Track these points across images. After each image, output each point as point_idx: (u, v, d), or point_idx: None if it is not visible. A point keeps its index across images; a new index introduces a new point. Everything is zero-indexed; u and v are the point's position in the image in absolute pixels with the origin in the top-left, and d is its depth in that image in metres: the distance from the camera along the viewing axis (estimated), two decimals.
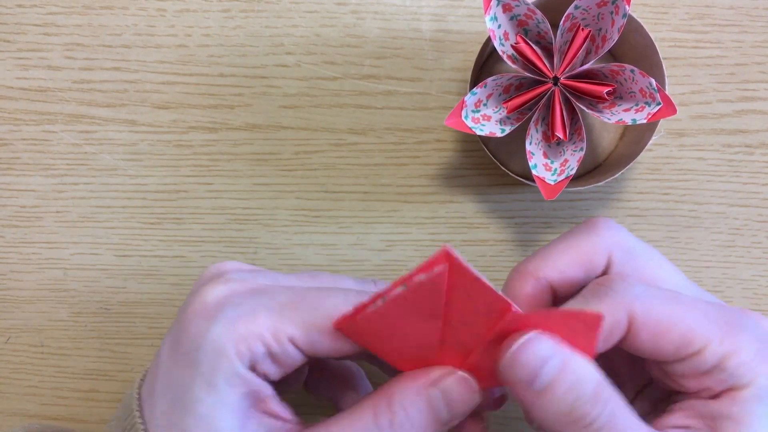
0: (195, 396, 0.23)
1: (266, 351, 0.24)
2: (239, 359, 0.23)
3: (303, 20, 0.38)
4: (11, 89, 0.38)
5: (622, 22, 0.29)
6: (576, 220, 0.38)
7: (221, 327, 0.23)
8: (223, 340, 0.23)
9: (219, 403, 0.23)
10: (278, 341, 0.24)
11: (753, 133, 0.37)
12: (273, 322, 0.23)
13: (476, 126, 0.32)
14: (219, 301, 0.24)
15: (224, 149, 0.38)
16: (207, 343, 0.23)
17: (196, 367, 0.23)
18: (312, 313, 0.24)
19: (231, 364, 0.23)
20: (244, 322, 0.23)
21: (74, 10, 0.38)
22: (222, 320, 0.23)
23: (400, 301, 0.22)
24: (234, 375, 0.23)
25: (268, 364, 0.24)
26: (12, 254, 0.39)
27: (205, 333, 0.23)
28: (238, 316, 0.23)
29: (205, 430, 0.23)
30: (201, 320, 0.24)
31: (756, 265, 0.38)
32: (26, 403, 0.40)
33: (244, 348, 0.23)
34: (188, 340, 0.24)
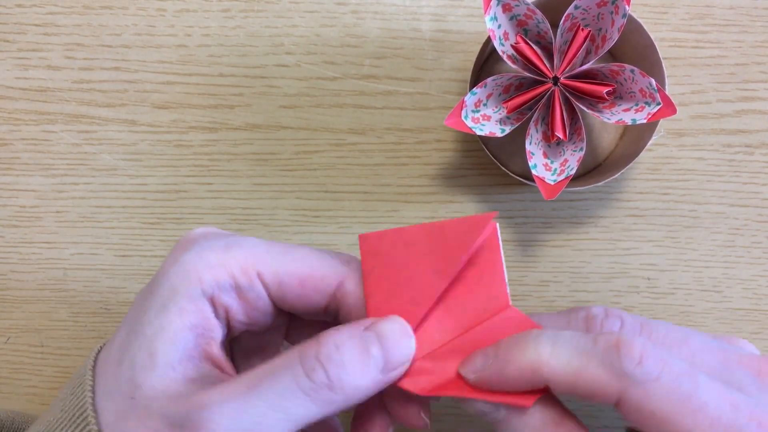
0: (147, 318, 0.23)
1: (232, 283, 0.24)
2: (200, 284, 0.23)
3: (303, 20, 0.38)
4: (11, 89, 0.38)
5: (622, 22, 0.29)
6: (576, 220, 0.38)
7: (191, 254, 0.24)
8: (189, 266, 0.23)
9: (164, 328, 0.23)
10: (246, 274, 0.24)
11: (753, 133, 0.37)
12: (244, 257, 0.24)
13: (476, 126, 0.32)
14: (196, 237, 0.25)
15: (224, 149, 0.38)
16: (175, 267, 0.23)
17: (157, 291, 0.23)
18: (283, 255, 0.24)
19: (189, 288, 0.23)
20: (215, 252, 0.24)
21: (74, 10, 0.38)
22: (194, 249, 0.24)
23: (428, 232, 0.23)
24: (188, 300, 0.23)
25: (232, 297, 0.24)
26: (12, 254, 0.39)
27: (175, 260, 0.24)
28: (211, 246, 0.24)
29: (146, 353, 0.22)
30: (175, 251, 0.24)
31: (756, 265, 0.38)
32: (26, 403, 0.40)
33: (209, 276, 0.23)
34: (159, 273, 0.24)
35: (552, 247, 0.38)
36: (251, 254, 0.24)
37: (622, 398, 0.21)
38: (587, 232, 0.38)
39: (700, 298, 0.38)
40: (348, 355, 0.22)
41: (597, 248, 0.38)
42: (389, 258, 0.24)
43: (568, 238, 0.38)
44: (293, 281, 0.24)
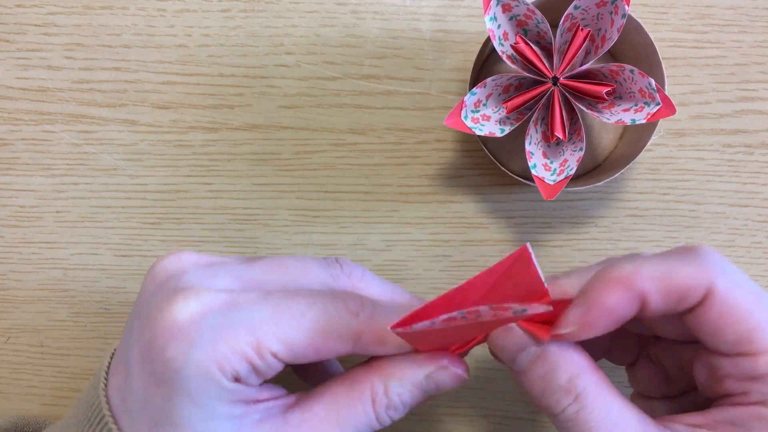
0: (184, 414, 0.23)
1: (250, 367, 0.23)
2: (224, 378, 0.23)
3: (303, 20, 0.38)
4: (11, 89, 0.38)
5: (622, 22, 0.29)
6: (576, 220, 0.38)
7: (202, 350, 0.22)
8: (206, 364, 0.22)
9: (211, 416, 0.23)
10: (261, 357, 0.23)
11: (753, 133, 0.37)
12: (255, 338, 0.23)
13: (476, 126, 0.32)
14: (194, 321, 0.23)
15: (224, 149, 0.38)
16: (189, 367, 0.22)
17: (180, 391, 0.23)
18: (295, 323, 0.24)
19: (218, 385, 0.23)
20: (225, 341, 0.23)
21: (74, 10, 0.38)
22: (201, 343, 0.22)
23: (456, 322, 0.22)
24: (222, 391, 0.23)
25: (252, 377, 0.24)
26: (12, 254, 0.39)
27: (185, 357, 0.22)
28: (219, 336, 0.23)
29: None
30: (178, 343, 0.23)
31: (756, 265, 0.38)
32: (26, 403, 0.40)
33: (228, 367, 0.23)
34: (164, 363, 0.23)
35: (552, 247, 0.38)
36: (261, 332, 0.23)
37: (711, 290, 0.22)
38: (587, 232, 0.38)
39: None
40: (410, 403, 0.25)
41: (597, 248, 0.38)
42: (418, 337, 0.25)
43: (568, 238, 0.38)
44: (307, 351, 0.24)
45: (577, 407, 0.23)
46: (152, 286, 0.26)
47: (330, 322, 0.24)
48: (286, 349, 0.24)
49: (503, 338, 0.24)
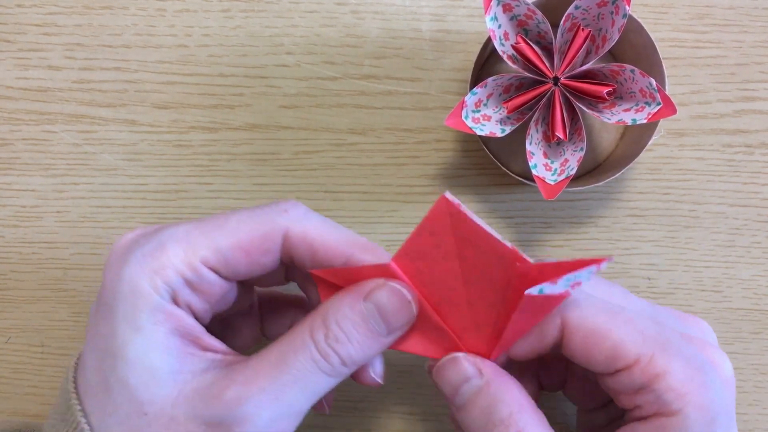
0: (122, 341, 0.23)
1: (182, 280, 0.23)
2: (157, 293, 0.23)
3: (303, 20, 0.38)
4: (11, 89, 0.38)
5: (622, 22, 0.29)
6: (576, 220, 0.38)
7: (132, 266, 0.23)
8: (137, 279, 0.23)
9: (149, 343, 0.23)
10: (191, 267, 0.23)
11: (753, 133, 0.37)
12: (182, 250, 0.23)
13: (476, 126, 0.32)
14: (127, 245, 0.24)
15: (224, 149, 0.38)
16: (122, 285, 0.23)
17: (117, 313, 0.23)
18: (218, 231, 0.24)
19: (150, 300, 0.23)
20: (153, 256, 0.23)
21: (74, 10, 0.38)
22: (132, 260, 0.23)
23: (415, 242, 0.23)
24: (156, 310, 0.23)
25: (188, 293, 0.24)
26: (12, 254, 0.39)
27: (118, 277, 0.23)
28: (147, 252, 0.23)
29: (141, 372, 0.22)
30: (113, 266, 0.24)
31: (756, 265, 0.38)
32: (26, 403, 0.40)
33: (159, 281, 0.23)
34: (105, 290, 0.23)
35: (552, 247, 0.38)
36: (188, 244, 0.24)
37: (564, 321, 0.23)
38: (587, 232, 0.38)
39: (700, 298, 0.38)
40: (353, 333, 0.24)
41: (597, 248, 0.38)
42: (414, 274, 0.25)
43: (568, 238, 0.38)
44: (238, 254, 0.24)
45: None
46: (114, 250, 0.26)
47: (257, 220, 0.24)
48: (214, 254, 0.24)
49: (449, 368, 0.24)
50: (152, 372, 0.22)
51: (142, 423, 0.22)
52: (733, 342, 0.39)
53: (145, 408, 0.22)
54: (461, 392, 0.24)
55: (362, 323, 0.24)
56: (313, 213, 0.26)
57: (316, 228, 0.25)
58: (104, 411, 0.23)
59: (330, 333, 0.23)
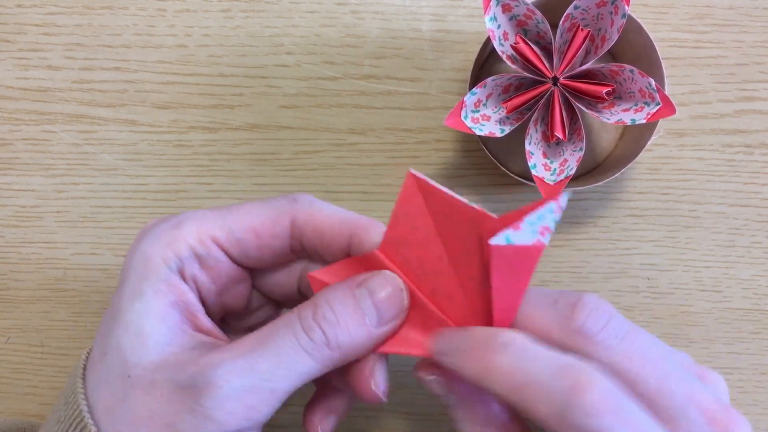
0: (124, 306, 0.23)
1: (192, 253, 0.24)
2: (165, 264, 0.24)
3: (303, 20, 0.38)
4: (11, 89, 0.38)
5: (622, 22, 0.29)
6: (576, 220, 0.38)
7: (148, 241, 0.24)
8: (149, 251, 0.24)
9: (146, 310, 0.23)
10: (202, 242, 0.24)
11: (753, 133, 0.37)
12: (196, 227, 0.24)
13: (476, 126, 0.32)
14: (150, 224, 0.26)
15: (224, 149, 0.38)
16: (136, 257, 0.24)
17: (126, 282, 0.24)
18: (232, 215, 0.25)
19: (156, 270, 0.24)
20: (169, 231, 0.24)
21: (74, 10, 0.38)
22: (150, 235, 0.24)
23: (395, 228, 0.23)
24: (160, 281, 0.24)
25: (195, 268, 0.25)
26: (12, 254, 0.39)
27: (134, 251, 0.24)
28: (164, 229, 0.25)
29: (133, 336, 0.23)
30: (133, 245, 0.25)
31: (756, 265, 0.38)
32: (26, 403, 0.40)
33: (169, 253, 0.24)
34: (123, 266, 0.25)
35: (552, 247, 0.38)
36: (201, 223, 0.25)
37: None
38: (587, 232, 0.38)
39: (700, 298, 0.38)
40: (342, 313, 0.23)
41: (597, 248, 0.38)
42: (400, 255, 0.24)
43: (568, 238, 0.38)
44: (248, 235, 0.25)
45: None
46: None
47: (267, 206, 0.26)
48: (226, 234, 0.25)
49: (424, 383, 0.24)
50: (143, 337, 0.23)
51: (126, 385, 0.22)
52: (733, 342, 0.39)
53: (129, 370, 0.23)
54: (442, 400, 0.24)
55: (353, 305, 0.23)
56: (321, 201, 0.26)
57: (320, 211, 0.26)
58: (98, 377, 0.23)
59: (318, 311, 0.23)
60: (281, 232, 0.25)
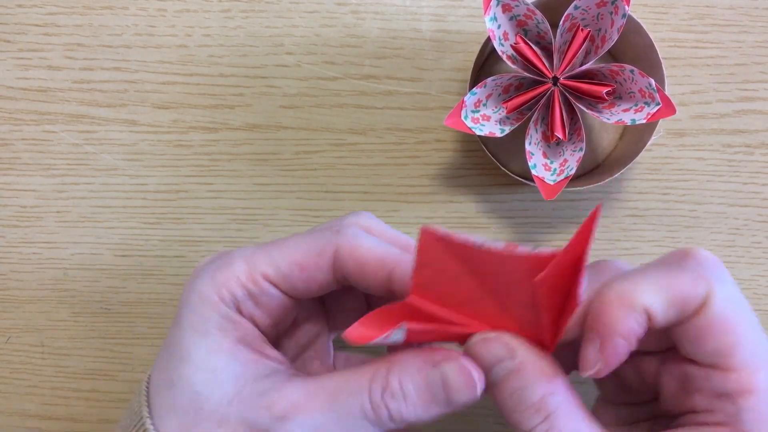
0: (188, 344, 0.24)
1: (245, 292, 0.25)
2: (224, 303, 0.25)
3: (303, 20, 0.38)
4: (11, 89, 0.38)
5: (622, 22, 0.29)
6: (576, 220, 0.38)
7: (202, 280, 0.25)
8: (205, 289, 0.25)
9: (215, 347, 0.24)
10: (253, 281, 0.25)
11: (753, 133, 0.37)
12: (246, 266, 0.25)
13: (476, 126, 0.32)
14: (203, 264, 0.27)
15: (224, 149, 0.38)
16: (192, 295, 0.25)
17: (186, 320, 0.25)
18: (277, 250, 0.26)
19: (217, 308, 0.25)
20: (221, 271, 0.25)
21: (74, 10, 0.38)
22: (203, 275, 0.25)
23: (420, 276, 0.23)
24: (223, 319, 0.25)
25: (251, 306, 0.25)
26: (12, 254, 0.39)
27: (190, 289, 0.25)
28: (217, 268, 0.25)
29: (204, 372, 0.24)
30: (188, 283, 0.26)
31: (756, 265, 0.38)
32: (26, 403, 0.40)
33: (225, 292, 0.25)
34: (179, 304, 0.26)
35: (552, 247, 0.38)
36: (251, 261, 0.26)
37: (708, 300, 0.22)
38: None
39: None
40: (413, 395, 0.24)
41: (597, 248, 0.38)
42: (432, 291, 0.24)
43: (568, 238, 0.38)
44: (294, 269, 0.26)
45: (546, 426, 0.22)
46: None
47: (312, 239, 0.26)
48: (274, 269, 0.25)
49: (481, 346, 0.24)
50: (215, 373, 0.24)
51: (197, 418, 0.23)
52: None
53: (202, 403, 0.23)
54: (493, 372, 0.24)
55: (424, 388, 0.24)
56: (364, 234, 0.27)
57: (362, 245, 0.26)
58: (165, 406, 0.24)
59: (388, 388, 0.24)
60: (325, 265, 0.26)
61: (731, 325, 0.22)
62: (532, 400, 0.23)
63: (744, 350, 0.22)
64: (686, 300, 0.22)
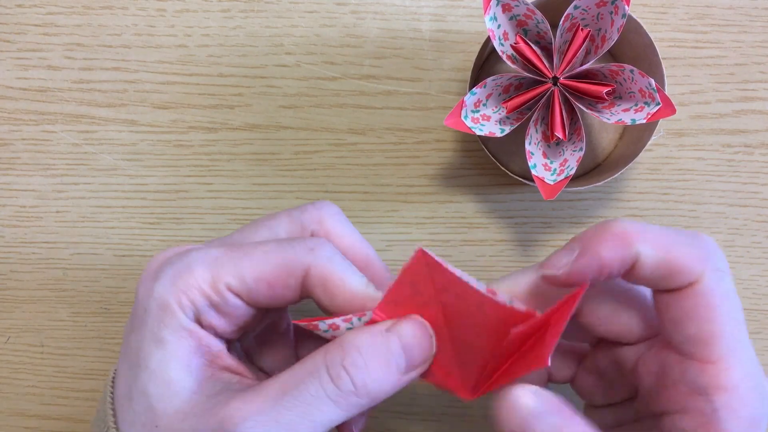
0: (146, 352, 0.24)
1: (208, 302, 0.24)
2: (183, 312, 0.24)
3: (303, 20, 0.38)
4: (11, 89, 0.38)
5: (622, 22, 0.29)
6: (576, 220, 0.38)
7: (162, 284, 0.24)
8: (165, 296, 0.24)
9: (169, 356, 0.24)
10: (216, 291, 0.24)
11: (753, 133, 0.37)
12: (210, 274, 0.24)
13: (476, 126, 0.32)
14: (160, 263, 0.25)
15: (224, 149, 0.38)
16: (152, 301, 0.24)
17: (145, 326, 0.24)
18: (245, 260, 0.25)
19: (175, 317, 0.24)
20: (182, 277, 0.24)
21: (74, 10, 0.38)
22: (163, 278, 0.24)
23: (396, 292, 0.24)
24: (180, 328, 0.24)
25: (213, 315, 0.25)
26: (12, 254, 0.39)
27: (149, 292, 0.24)
28: (177, 272, 0.24)
29: (159, 383, 0.23)
30: (146, 283, 0.25)
31: (756, 265, 0.38)
32: (26, 403, 0.40)
33: (185, 300, 0.24)
34: (137, 304, 0.25)
35: (552, 247, 0.38)
36: (214, 269, 0.24)
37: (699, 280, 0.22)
38: None
39: None
40: (372, 359, 0.23)
41: None
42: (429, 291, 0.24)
43: (568, 238, 0.38)
44: (261, 286, 0.25)
45: None
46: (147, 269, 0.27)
47: (282, 253, 0.25)
48: (239, 282, 0.24)
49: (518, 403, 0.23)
50: (170, 385, 0.23)
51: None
52: None
53: (157, 420, 0.23)
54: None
55: (384, 352, 0.23)
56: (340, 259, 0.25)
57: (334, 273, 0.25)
58: (127, 420, 0.24)
59: (348, 356, 0.23)
60: (294, 284, 0.25)
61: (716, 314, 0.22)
62: None
63: (723, 343, 0.22)
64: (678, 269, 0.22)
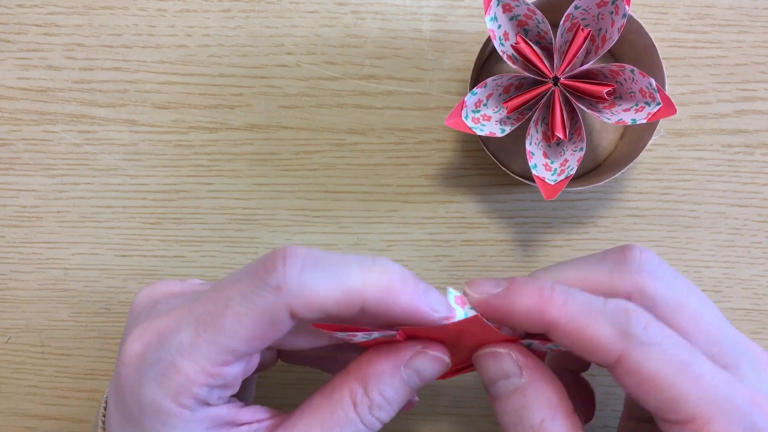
0: None
1: (207, 389, 0.23)
2: (188, 409, 0.23)
3: (303, 20, 0.38)
4: (12, 89, 0.38)
5: (622, 22, 0.29)
6: (576, 220, 0.38)
7: (152, 390, 0.23)
8: (161, 402, 0.23)
9: None
10: (211, 375, 0.23)
11: (753, 133, 0.37)
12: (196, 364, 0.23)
13: (476, 126, 0.32)
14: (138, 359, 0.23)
15: (224, 149, 0.38)
16: (148, 408, 0.23)
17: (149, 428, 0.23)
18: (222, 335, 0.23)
19: (182, 416, 0.23)
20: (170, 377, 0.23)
21: (74, 10, 0.38)
22: (148, 383, 0.23)
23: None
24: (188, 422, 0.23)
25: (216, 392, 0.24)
26: (12, 254, 0.39)
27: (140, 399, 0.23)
28: (161, 373, 0.23)
29: None
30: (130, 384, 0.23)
31: (756, 265, 0.38)
32: (26, 403, 0.40)
33: (185, 400, 0.23)
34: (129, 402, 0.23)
35: (552, 247, 0.38)
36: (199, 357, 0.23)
37: (622, 358, 0.22)
38: (587, 232, 0.38)
39: None
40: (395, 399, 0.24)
41: (597, 248, 0.38)
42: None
43: (568, 238, 0.38)
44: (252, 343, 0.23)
45: None
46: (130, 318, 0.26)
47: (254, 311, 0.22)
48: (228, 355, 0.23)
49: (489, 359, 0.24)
50: None
51: None
52: None
53: None
54: (498, 386, 0.24)
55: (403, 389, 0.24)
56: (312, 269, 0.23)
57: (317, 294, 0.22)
58: None
59: (374, 404, 0.24)
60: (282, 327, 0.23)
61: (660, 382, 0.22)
62: (531, 422, 0.23)
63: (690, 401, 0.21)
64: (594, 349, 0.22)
